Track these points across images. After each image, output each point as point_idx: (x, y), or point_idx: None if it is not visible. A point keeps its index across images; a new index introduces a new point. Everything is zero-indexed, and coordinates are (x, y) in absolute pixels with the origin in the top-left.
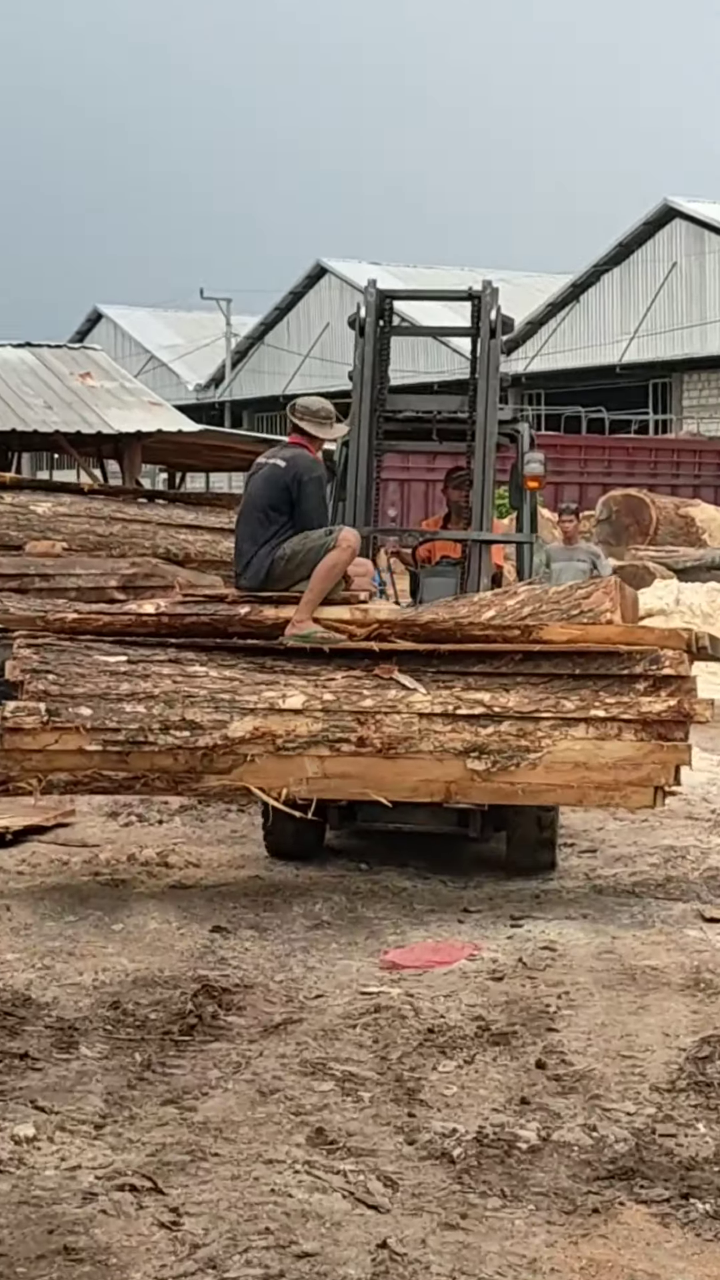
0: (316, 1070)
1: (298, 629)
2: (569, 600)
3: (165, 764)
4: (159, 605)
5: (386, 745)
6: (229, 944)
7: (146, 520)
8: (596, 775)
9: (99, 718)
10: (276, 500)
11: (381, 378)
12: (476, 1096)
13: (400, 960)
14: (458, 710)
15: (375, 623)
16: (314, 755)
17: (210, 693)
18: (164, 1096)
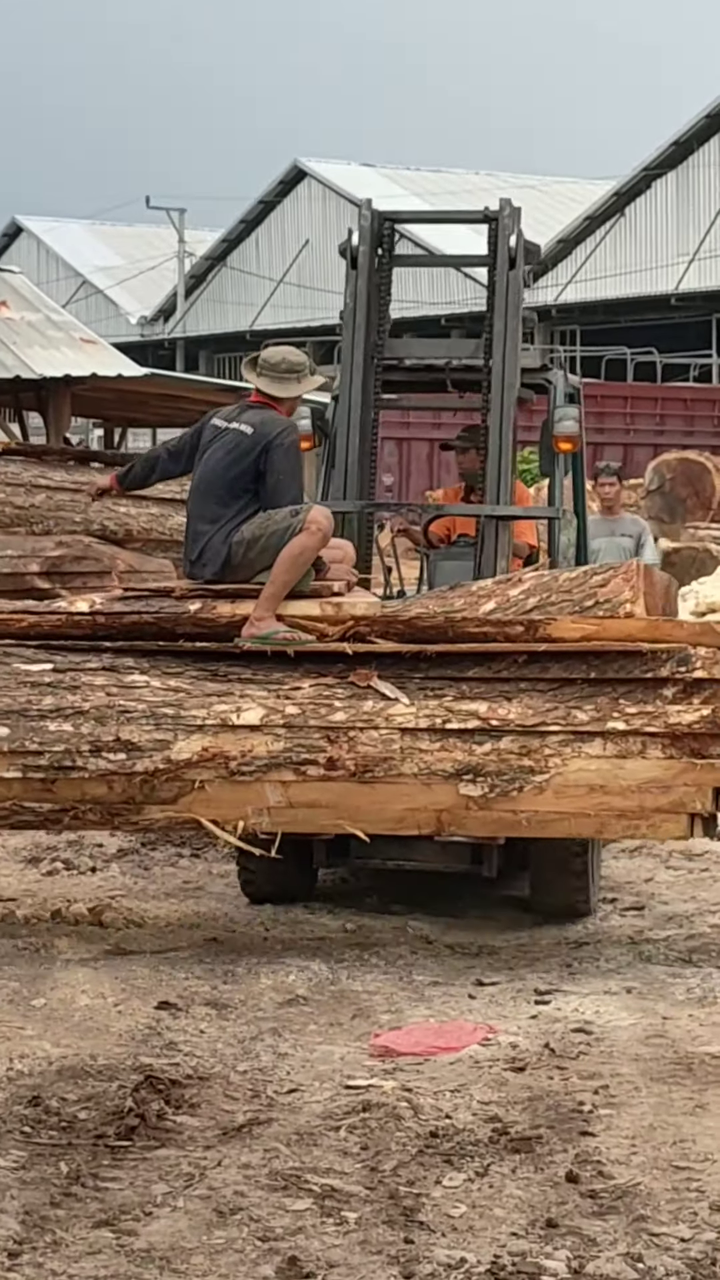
0: (289, 1184)
1: (257, 628)
2: (583, 589)
3: (98, 793)
4: (94, 602)
5: (361, 768)
6: (179, 1024)
7: (77, 488)
8: (617, 801)
9: (17, 738)
10: (242, 471)
11: (380, 318)
12: (491, 1218)
13: (395, 1045)
14: (447, 724)
15: (350, 619)
16: (275, 780)
17: (150, 707)
18: (97, 1217)
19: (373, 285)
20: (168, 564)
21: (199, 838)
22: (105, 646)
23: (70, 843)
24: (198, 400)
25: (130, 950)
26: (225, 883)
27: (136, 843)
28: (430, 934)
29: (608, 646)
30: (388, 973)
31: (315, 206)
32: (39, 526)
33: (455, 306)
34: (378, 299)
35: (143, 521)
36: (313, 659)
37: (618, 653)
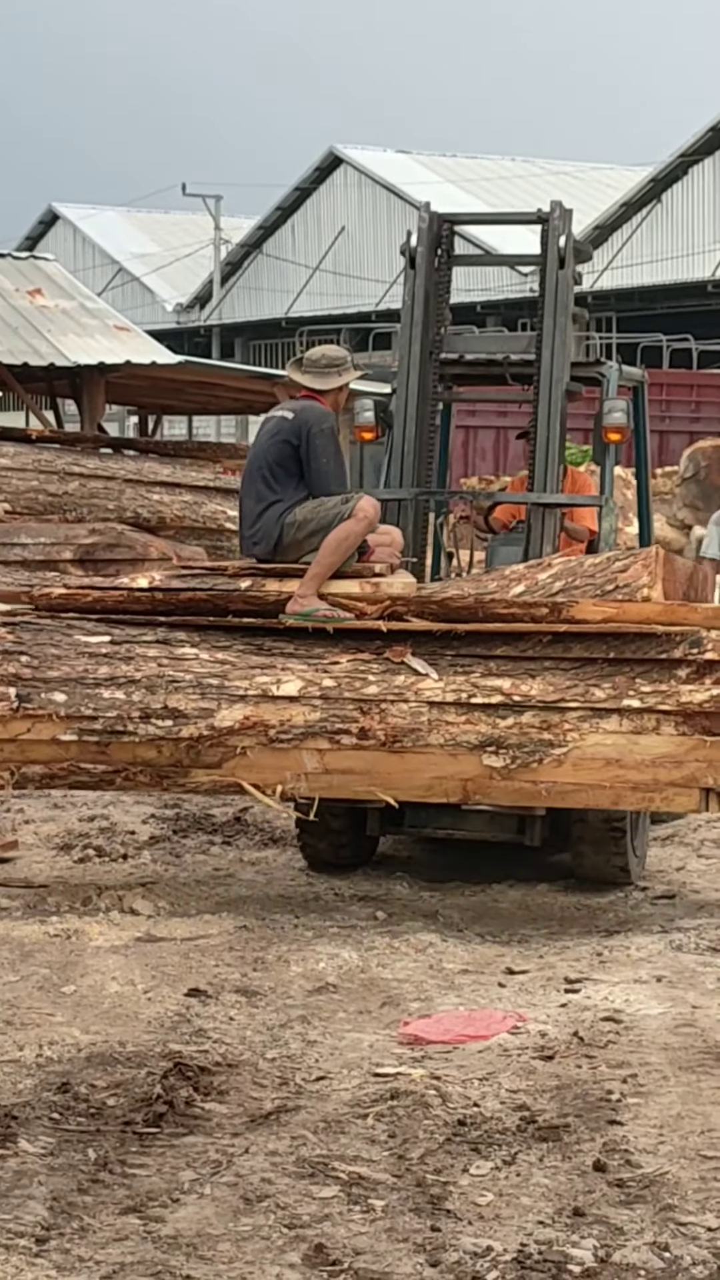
0: (317, 1171)
1: (299, 606)
2: (605, 574)
3: (148, 756)
4: (154, 579)
5: (391, 737)
6: (209, 1012)
7: (111, 476)
8: (632, 774)
9: (74, 704)
10: (282, 456)
11: (438, 316)
12: (518, 1206)
13: (424, 1033)
14: (472, 699)
15: (387, 599)
16: (312, 748)
17: (197, 677)
18: (124, 1203)
19: (431, 284)
20: (201, 551)
21: (230, 826)
22: (160, 621)
23: (102, 830)
24: (232, 388)
25: (160, 937)
26: (256, 870)
27: (168, 830)
28: (460, 922)
29: (626, 628)
30: (417, 960)
31: (351, 193)
32: (72, 514)
33: (491, 294)
34: (436, 297)
35: (176, 509)
36: (352, 635)
37: (635, 634)
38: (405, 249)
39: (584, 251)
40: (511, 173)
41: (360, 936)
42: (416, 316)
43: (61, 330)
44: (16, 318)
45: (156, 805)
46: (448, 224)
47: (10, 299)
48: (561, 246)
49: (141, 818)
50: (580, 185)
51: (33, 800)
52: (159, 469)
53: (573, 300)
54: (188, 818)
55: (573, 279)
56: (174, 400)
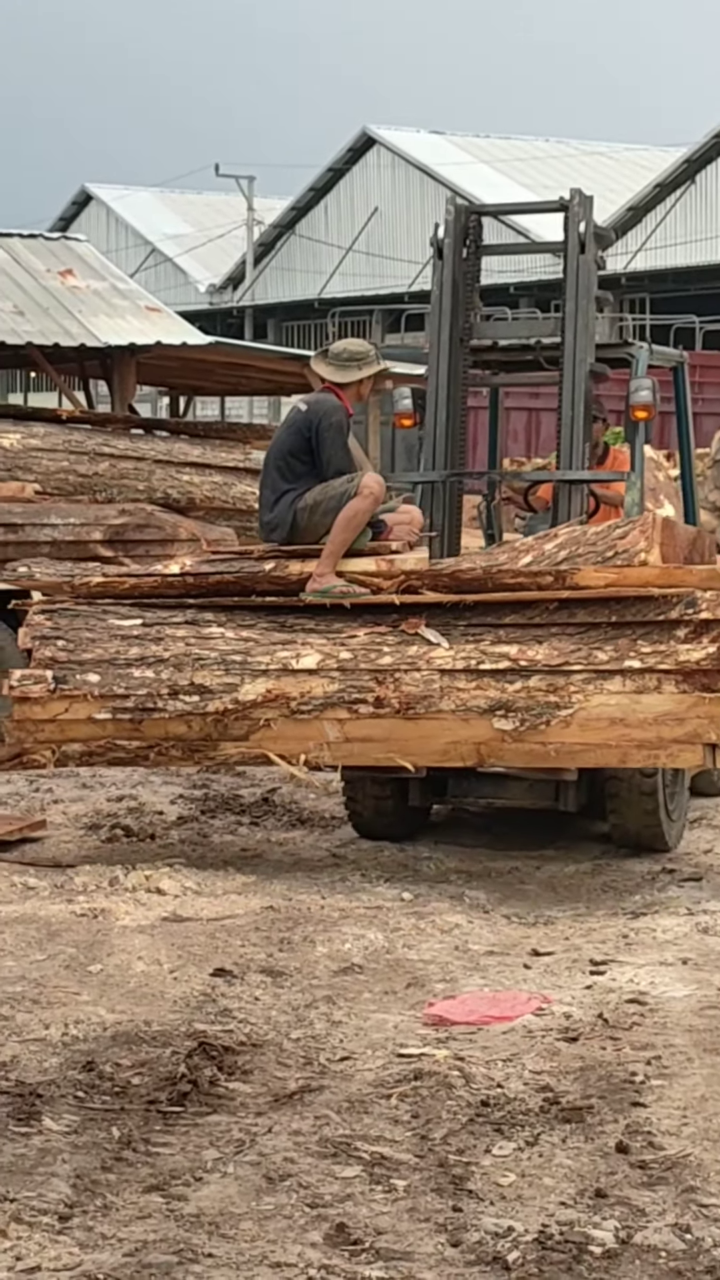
0: (339, 1151)
1: (317, 584)
2: (606, 541)
3: (179, 731)
4: (185, 565)
5: (405, 705)
6: (234, 991)
7: (141, 457)
8: (637, 732)
9: (106, 684)
10: (296, 446)
11: (468, 304)
12: (540, 1187)
13: (449, 1014)
14: (481, 665)
15: (401, 574)
16: (332, 718)
17: (221, 654)
18: (147, 1182)
19: (459, 274)
20: (230, 533)
21: (258, 807)
22: (190, 603)
23: (130, 810)
24: (263, 369)
25: (187, 917)
26: (283, 850)
27: (196, 810)
28: (486, 903)
29: (626, 593)
30: (443, 942)
31: (385, 174)
32: (102, 494)
33: (524, 275)
34: (464, 286)
35: (206, 490)
36: (369, 610)
37: (635, 598)
38: (434, 240)
39: (605, 237)
40: (545, 153)
41: (386, 917)
42: (445, 305)
43: (93, 311)
44: (48, 298)
45: (185, 785)
46: (475, 215)
47: (42, 280)
48: (582, 232)
49: (170, 798)
50: (614, 166)
51: (61, 780)
52: (189, 450)
53: (595, 284)
54: (215, 798)
55: (595, 264)
56: (205, 381)
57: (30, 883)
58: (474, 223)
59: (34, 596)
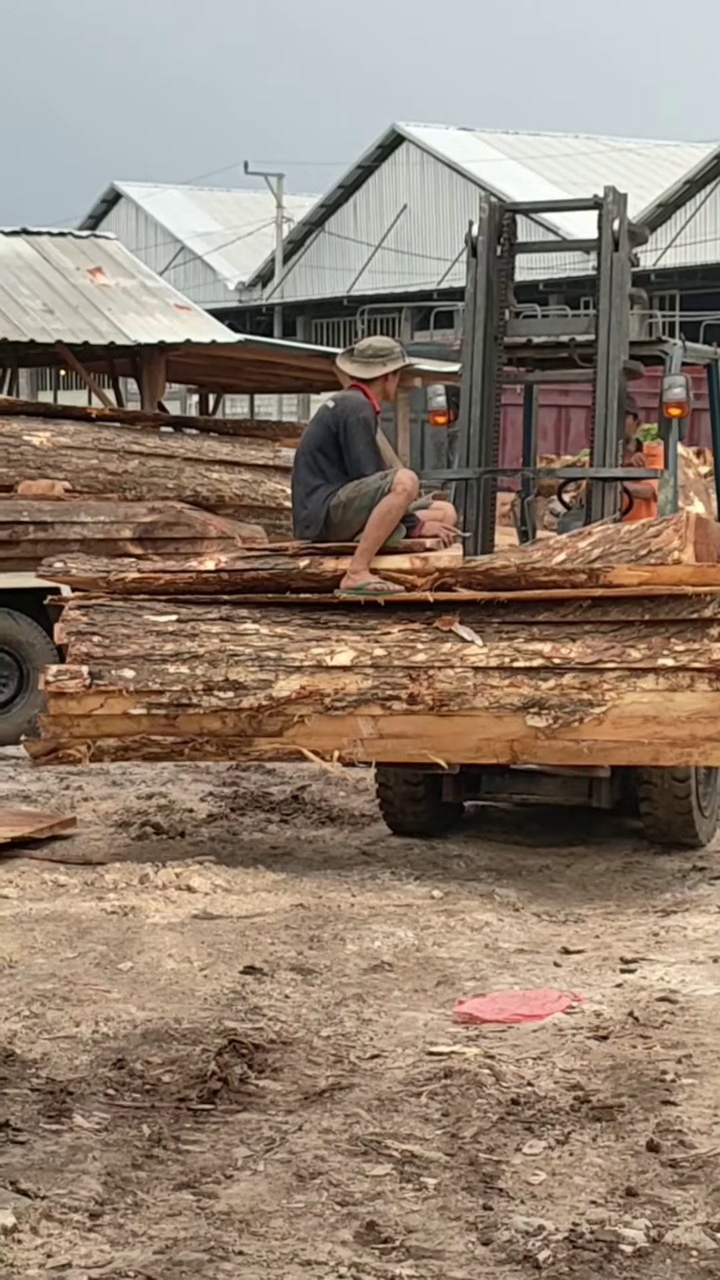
0: (369, 1149)
1: (352, 581)
2: (639, 539)
3: (214, 727)
4: (220, 561)
5: (439, 702)
6: (264, 989)
7: (170, 455)
8: (669, 730)
9: (142, 680)
10: (323, 443)
11: (502, 301)
12: (570, 1186)
13: (479, 1012)
14: (514, 663)
15: (436, 571)
16: (366, 715)
17: (256, 651)
18: (177, 1179)
19: (493, 272)
20: (260, 530)
21: (288, 804)
22: (225, 599)
23: (160, 807)
24: (292, 366)
25: (217, 915)
26: (313, 848)
27: (226, 808)
28: (517, 901)
29: (659, 591)
30: (473, 940)
31: (414, 171)
32: (132, 492)
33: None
34: (499, 284)
35: (235, 487)
36: (403, 607)
37: (668, 596)
38: (468, 238)
39: (639, 234)
40: (575, 150)
41: (416, 915)
42: (479, 303)
43: (122, 309)
44: (77, 296)
45: (214, 783)
46: (509, 213)
47: (71, 278)
48: (616, 230)
49: (199, 795)
50: (644, 162)
51: (91, 778)
52: (218, 447)
53: (629, 281)
54: (245, 796)
55: (629, 261)
56: (234, 379)
57: (61, 880)
58: (508, 220)
59: (65, 593)
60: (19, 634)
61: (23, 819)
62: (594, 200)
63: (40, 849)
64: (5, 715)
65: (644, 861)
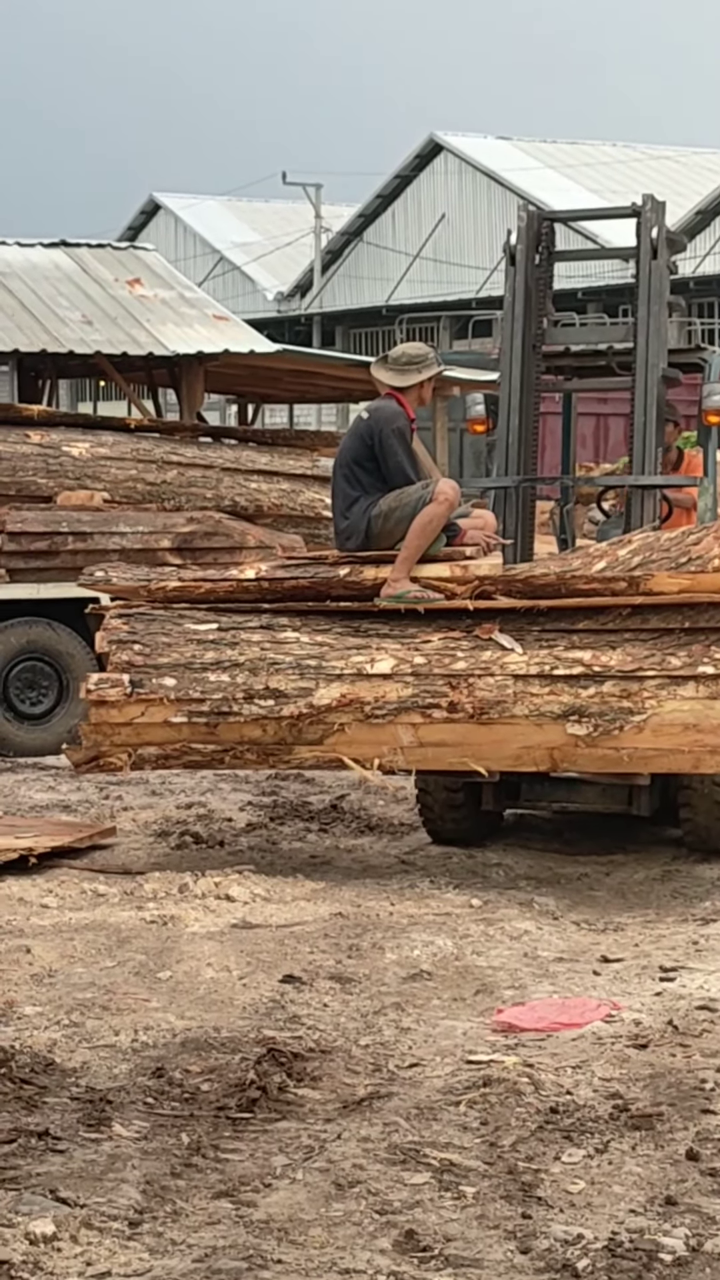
0: (408, 1158)
1: (392, 589)
2: (679, 547)
3: (254, 735)
4: (260, 570)
5: (479, 710)
6: (303, 998)
7: (209, 465)
8: (709, 738)
9: (183, 688)
10: (360, 454)
11: (540, 310)
12: (610, 1194)
13: (518, 1021)
14: (555, 671)
15: (476, 580)
16: (406, 723)
17: (296, 659)
18: (216, 1188)
19: (531, 280)
20: (298, 540)
21: (327, 814)
22: (265, 608)
23: (199, 816)
24: (330, 376)
25: (256, 924)
26: (352, 858)
27: (265, 817)
28: (556, 910)
29: (699, 598)
30: (512, 948)
31: (452, 180)
32: (171, 502)
33: (592, 280)
34: (537, 293)
35: (274, 497)
36: (443, 615)
37: (709, 604)
38: (506, 247)
39: (678, 242)
40: (613, 158)
41: (455, 924)
42: (518, 311)
43: (160, 320)
44: (116, 308)
45: (254, 792)
46: (547, 221)
47: (110, 289)
48: (654, 238)
49: (239, 805)
50: (682, 170)
51: (131, 787)
52: (256, 457)
53: (668, 289)
54: (284, 805)
55: (667, 269)
56: (272, 389)
57: (100, 889)
58: (546, 229)
59: (104, 603)
60: (59, 644)
61: (63, 829)
62: (632, 208)
63: (80, 858)
64: (45, 725)
65: (683, 869)
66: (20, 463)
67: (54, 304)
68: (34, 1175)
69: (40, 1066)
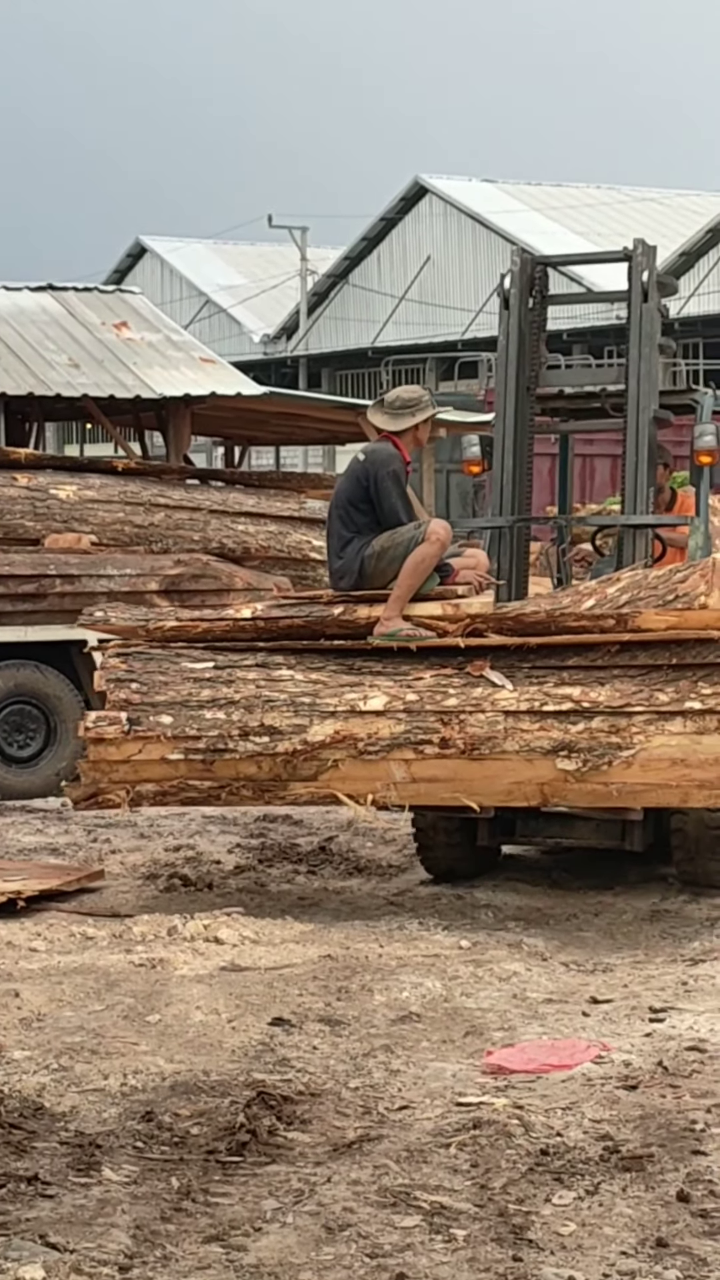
0: (399, 1201)
1: (385, 627)
2: (666, 585)
3: (250, 772)
4: (256, 609)
5: (470, 745)
6: (292, 1041)
7: (196, 507)
8: (698, 773)
9: (179, 725)
10: (355, 496)
11: (534, 354)
12: (600, 1236)
13: (508, 1063)
14: (544, 707)
15: (467, 617)
16: (399, 759)
17: (290, 696)
18: (206, 1232)
19: (525, 324)
20: (285, 581)
21: (315, 856)
22: (260, 646)
23: (188, 859)
24: (317, 418)
25: (245, 966)
26: (340, 899)
27: (253, 859)
28: (545, 951)
29: (686, 635)
30: (501, 990)
31: (437, 223)
32: (158, 545)
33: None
34: (531, 335)
35: (261, 539)
36: (436, 653)
37: (695, 640)
38: (500, 291)
39: (668, 285)
40: (597, 200)
41: (444, 965)
42: (512, 354)
43: (147, 363)
44: (103, 351)
45: (242, 835)
46: (541, 265)
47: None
48: (645, 281)
49: (227, 847)
50: (666, 212)
51: (119, 830)
52: (244, 499)
53: (659, 332)
54: (273, 847)
55: (658, 312)
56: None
57: (89, 933)
58: (540, 273)
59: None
60: (46, 687)
61: (51, 872)
62: (624, 253)
63: (68, 901)
64: (33, 768)
65: (672, 910)
66: (7, 505)
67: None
68: (23, 1220)
69: (29, 1111)
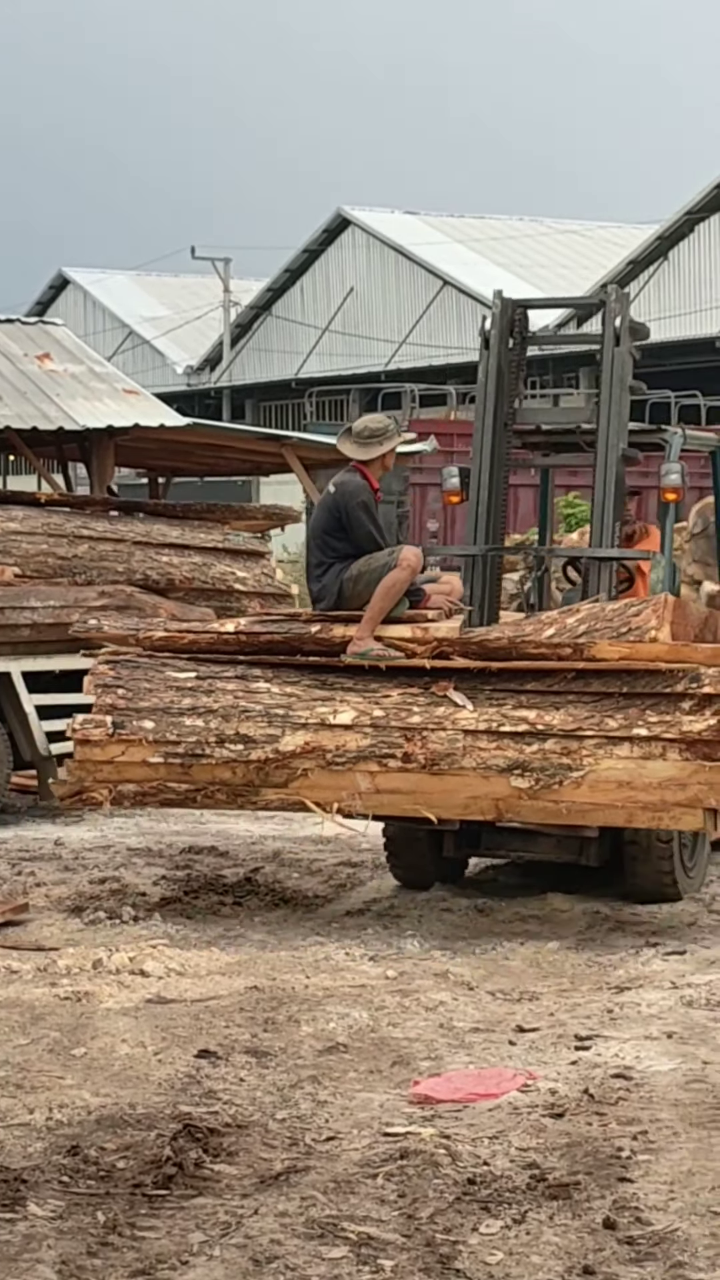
0: (326, 1232)
1: (357, 647)
2: (622, 618)
3: (225, 776)
4: (239, 624)
5: (430, 761)
6: (219, 1073)
7: (120, 539)
8: (642, 795)
9: (160, 731)
10: (330, 526)
11: (511, 393)
12: (528, 1265)
13: (434, 1092)
14: (502, 727)
15: (434, 641)
16: (364, 770)
17: (266, 708)
18: (133, 1266)
19: (504, 363)
20: (210, 613)
21: (241, 887)
22: (241, 659)
23: (113, 891)
24: (240, 449)
25: (171, 999)
26: (266, 930)
27: (179, 891)
28: (471, 980)
29: (637, 666)
30: (428, 1019)
31: (359, 254)
32: (82, 577)
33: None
34: (509, 374)
35: (185, 570)
36: (404, 672)
37: (645, 671)
38: (481, 331)
39: (640, 330)
40: (519, 232)
41: (371, 996)
42: (490, 391)
43: (70, 394)
44: (25, 383)
45: (167, 867)
46: (520, 308)
47: (19, 364)
48: (618, 326)
49: (153, 879)
50: (588, 244)
51: (44, 863)
52: (168, 531)
53: (630, 374)
54: (199, 879)
55: (629, 355)
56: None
57: (14, 966)
58: (520, 315)
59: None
60: None
61: None
62: (599, 299)
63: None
64: None
65: (597, 938)
66: None
67: None
68: None
69: None
